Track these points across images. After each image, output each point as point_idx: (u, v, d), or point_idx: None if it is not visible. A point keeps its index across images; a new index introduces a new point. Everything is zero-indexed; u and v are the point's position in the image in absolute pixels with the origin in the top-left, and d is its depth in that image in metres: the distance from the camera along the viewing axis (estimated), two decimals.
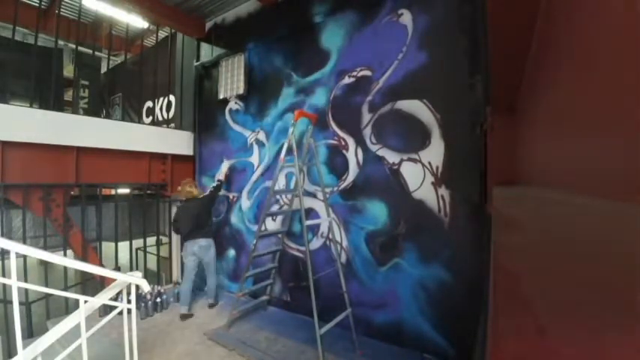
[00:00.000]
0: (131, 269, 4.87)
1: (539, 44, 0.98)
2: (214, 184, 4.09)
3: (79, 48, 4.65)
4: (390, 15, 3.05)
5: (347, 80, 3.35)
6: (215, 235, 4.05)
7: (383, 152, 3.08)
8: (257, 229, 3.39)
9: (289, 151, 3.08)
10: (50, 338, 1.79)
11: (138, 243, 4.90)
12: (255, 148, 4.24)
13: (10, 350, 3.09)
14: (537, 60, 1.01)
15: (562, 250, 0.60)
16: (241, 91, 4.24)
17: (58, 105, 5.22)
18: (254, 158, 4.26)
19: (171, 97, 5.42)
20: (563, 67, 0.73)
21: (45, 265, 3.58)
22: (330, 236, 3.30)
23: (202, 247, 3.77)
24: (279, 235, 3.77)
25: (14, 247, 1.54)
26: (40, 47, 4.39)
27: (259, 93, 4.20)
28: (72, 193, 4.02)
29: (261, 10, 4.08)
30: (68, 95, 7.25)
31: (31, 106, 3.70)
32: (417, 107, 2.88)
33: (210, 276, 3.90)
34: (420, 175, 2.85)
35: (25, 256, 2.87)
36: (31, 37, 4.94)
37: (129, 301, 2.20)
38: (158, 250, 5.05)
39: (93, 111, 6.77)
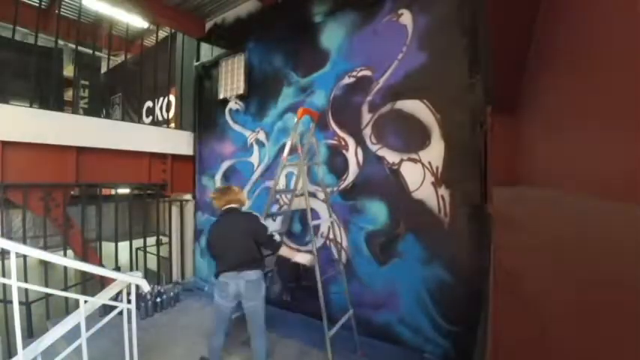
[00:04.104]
0: (131, 269, 4.87)
1: (539, 44, 0.98)
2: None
3: (79, 48, 4.64)
4: (390, 15, 3.05)
5: (347, 80, 3.35)
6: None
7: (383, 152, 3.08)
8: None
9: (291, 150, 3.06)
10: (50, 338, 1.79)
11: (138, 243, 4.89)
12: (255, 148, 4.24)
13: (10, 350, 3.09)
14: (537, 60, 1.01)
15: (562, 250, 0.60)
16: (241, 91, 4.24)
17: (58, 105, 5.22)
18: (254, 158, 4.26)
19: (171, 97, 5.42)
20: (563, 67, 0.73)
21: (45, 265, 3.58)
22: (331, 236, 3.30)
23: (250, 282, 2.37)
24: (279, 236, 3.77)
25: (14, 247, 1.54)
26: (40, 47, 4.39)
27: (259, 93, 4.20)
28: (72, 193, 4.02)
29: (261, 10, 4.08)
30: (68, 95, 7.24)
31: (31, 106, 3.70)
32: (417, 107, 2.87)
33: (258, 335, 2.44)
34: (420, 175, 2.85)
35: (25, 256, 2.87)
36: (31, 37, 4.93)
37: (129, 301, 2.20)
38: (158, 250, 5.05)
39: (93, 111, 6.76)
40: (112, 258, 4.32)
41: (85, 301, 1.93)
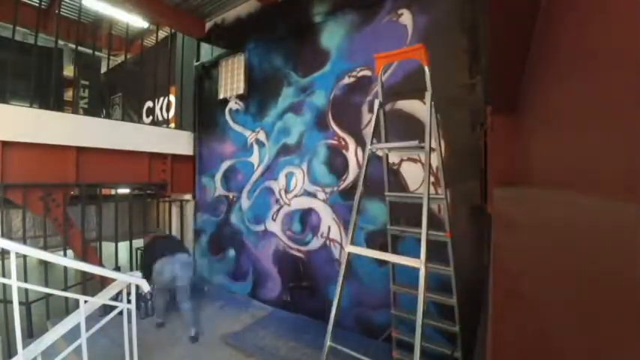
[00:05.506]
0: (131, 269, 4.87)
1: (539, 44, 0.98)
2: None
3: (79, 48, 4.64)
4: (390, 15, 3.05)
5: (347, 80, 3.34)
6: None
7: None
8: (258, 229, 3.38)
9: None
10: (50, 338, 1.79)
11: (138, 243, 4.89)
12: (255, 148, 4.24)
13: (10, 350, 3.09)
14: (537, 60, 1.01)
15: (562, 251, 0.60)
16: (241, 90, 4.24)
17: (58, 105, 5.21)
18: (254, 158, 4.26)
19: (171, 97, 5.42)
20: (563, 67, 0.73)
21: (45, 265, 3.58)
22: (331, 236, 3.29)
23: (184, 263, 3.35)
24: (279, 236, 3.76)
25: (14, 247, 1.54)
26: (40, 47, 4.39)
27: (259, 93, 4.20)
28: (72, 193, 4.02)
29: (261, 10, 4.07)
30: (68, 95, 7.24)
31: (31, 106, 3.70)
32: (417, 107, 2.87)
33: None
34: (420, 175, 2.85)
35: (25, 256, 2.87)
36: (31, 37, 4.94)
37: (129, 301, 2.20)
38: None
39: (93, 111, 6.76)
40: (112, 258, 4.32)
41: (85, 301, 1.93)
